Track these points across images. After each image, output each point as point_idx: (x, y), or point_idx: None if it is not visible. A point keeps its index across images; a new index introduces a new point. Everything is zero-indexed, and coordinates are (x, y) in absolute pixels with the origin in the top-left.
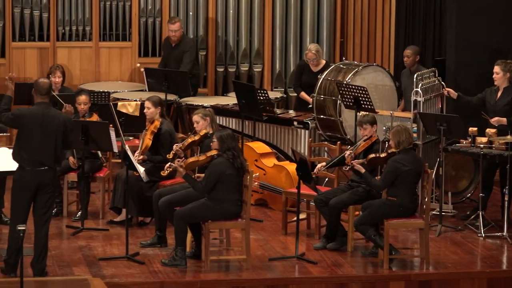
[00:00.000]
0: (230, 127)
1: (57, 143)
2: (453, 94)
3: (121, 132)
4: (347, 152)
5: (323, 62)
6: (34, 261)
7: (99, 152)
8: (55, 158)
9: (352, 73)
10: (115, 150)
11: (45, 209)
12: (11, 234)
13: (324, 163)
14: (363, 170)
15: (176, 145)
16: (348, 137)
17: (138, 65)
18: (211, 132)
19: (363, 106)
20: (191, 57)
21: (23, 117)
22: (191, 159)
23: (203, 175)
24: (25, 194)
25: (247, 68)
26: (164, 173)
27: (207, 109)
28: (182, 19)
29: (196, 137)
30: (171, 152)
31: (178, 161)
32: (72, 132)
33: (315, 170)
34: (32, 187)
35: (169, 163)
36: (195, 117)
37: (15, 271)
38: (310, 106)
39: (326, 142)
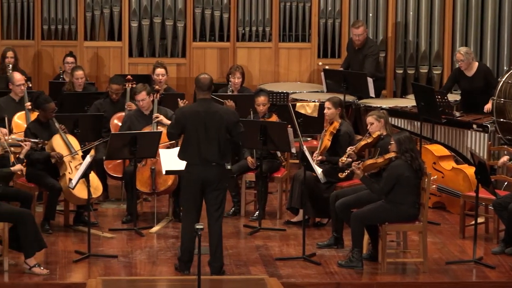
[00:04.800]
0: (408, 129)
1: (220, 138)
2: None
3: (299, 132)
4: None
5: (476, 64)
6: (211, 260)
7: (277, 152)
8: (220, 154)
9: None
10: (293, 150)
11: (216, 206)
12: (183, 232)
13: (508, 157)
14: None
15: (350, 148)
16: None
17: (320, 63)
18: (384, 133)
19: None
20: (373, 63)
21: (184, 115)
22: (369, 161)
23: None
24: (193, 191)
25: (426, 70)
26: (342, 175)
27: (381, 110)
28: (364, 22)
29: (370, 139)
30: (344, 156)
31: (356, 163)
32: (237, 124)
33: (499, 163)
34: (198, 184)
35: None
36: (369, 119)
37: (188, 269)
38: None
39: (505, 146)
